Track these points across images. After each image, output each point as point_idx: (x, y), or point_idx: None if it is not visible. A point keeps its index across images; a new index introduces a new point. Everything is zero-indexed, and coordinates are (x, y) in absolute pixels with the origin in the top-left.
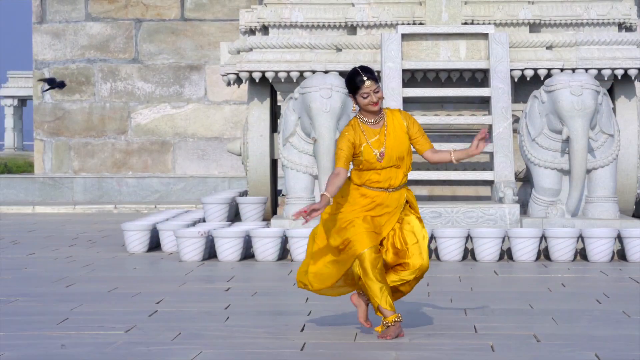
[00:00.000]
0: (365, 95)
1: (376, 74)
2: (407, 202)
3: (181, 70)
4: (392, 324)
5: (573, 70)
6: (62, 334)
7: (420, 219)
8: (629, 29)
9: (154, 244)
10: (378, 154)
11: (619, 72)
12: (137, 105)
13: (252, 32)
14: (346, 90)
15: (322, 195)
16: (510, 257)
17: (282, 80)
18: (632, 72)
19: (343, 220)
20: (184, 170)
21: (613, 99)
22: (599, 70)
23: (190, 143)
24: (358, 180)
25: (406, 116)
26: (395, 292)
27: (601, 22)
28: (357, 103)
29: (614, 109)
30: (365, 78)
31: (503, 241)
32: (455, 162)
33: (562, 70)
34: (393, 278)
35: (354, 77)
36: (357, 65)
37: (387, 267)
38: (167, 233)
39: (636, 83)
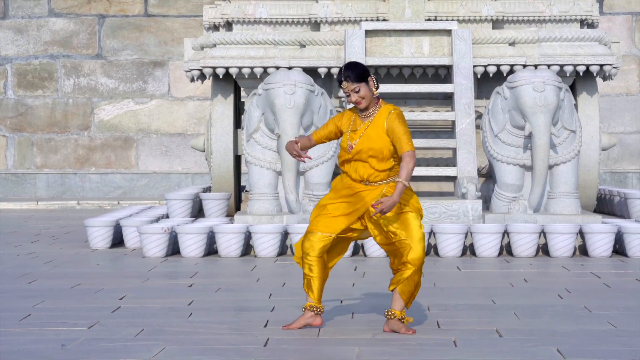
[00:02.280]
0: (346, 94)
1: (359, 70)
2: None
3: (145, 66)
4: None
5: (535, 66)
6: (24, 330)
7: (411, 213)
8: (591, 25)
9: (117, 240)
10: (349, 145)
11: (581, 69)
12: (100, 101)
13: (215, 28)
14: (310, 87)
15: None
16: (473, 253)
17: (246, 76)
18: (594, 69)
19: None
20: (147, 167)
21: (575, 95)
22: (561, 66)
23: (153, 139)
24: (342, 169)
25: (392, 118)
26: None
27: (563, 18)
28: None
29: (575, 105)
30: (342, 78)
31: (466, 237)
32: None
33: (524, 66)
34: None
35: (337, 77)
36: (322, 61)
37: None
38: (130, 229)
39: (598, 79)
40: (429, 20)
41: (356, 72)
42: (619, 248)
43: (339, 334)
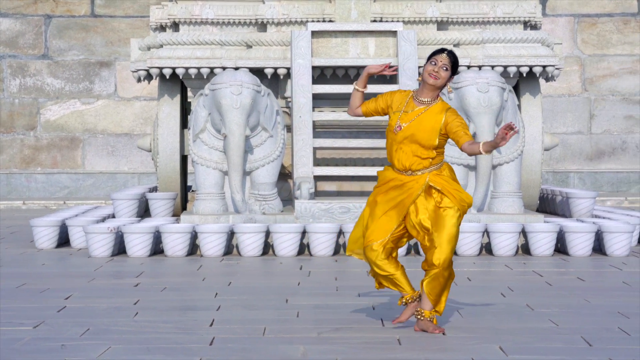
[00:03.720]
0: (433, 62)
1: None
2: (437, 189)
3: (91, 66)
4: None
5: (479, 67)
6: None
7: (449, 209)
8: (534, 27)
9: (63, 240)
10: (398, 125)
11: (524, 70)
12: (46, 102)
13: (162, 28)
14: (256, 87)
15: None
16: (417, 252)
17: (193, 76)
18: (537, 70)
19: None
20: (94, 166)
21: (518, 95)
22: (505, 67)
23: (100, 139)
24: (389, 158)
25: (449, 115)
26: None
27: (507, 20)
28: (423, 71)
29: (519, 106)
30: (445, 51)
31: None
32: (485, 153)
33: (469, 67)
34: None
35: (437, 49)
36: (269, 61)
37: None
38: (76, 229)
39: (540, 80)
40: (374, 21)
41: (456, 59)
42: (560, 247)
43: (285, 333)
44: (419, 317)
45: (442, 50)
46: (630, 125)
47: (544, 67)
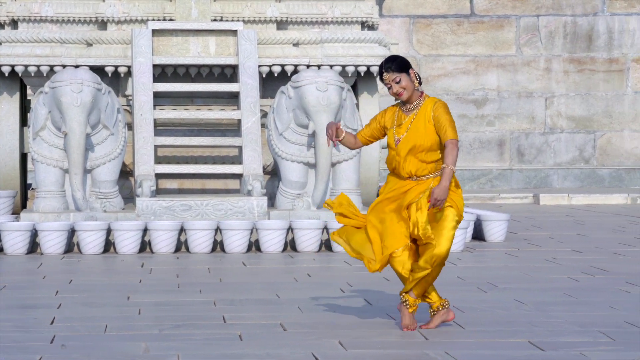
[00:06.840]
0: (388, 86)
1: (401, 62)
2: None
3: None
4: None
5: (319, 66)
6: None
7: (450, 209)
8: (371, 27)
9: None
10: (396, 139)
11: (362, 69)
12: None
13: (1, 26)
14: (97, 85)
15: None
16: (258, 249)
17: (32, 74)
18: (374, 69)
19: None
20: None
21: (356, 95)
22: (343, 67)
23: None
24: (394, 170)
25: (437, 107)
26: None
27: (345, 20)
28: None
29: (357, 105)
30: (383, 70)
31: (251, 233)
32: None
33: (308, 66)
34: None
35: (379, 69)
36: (110, 59)
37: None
38: None
39: (378, 79)
40: (215, 20)
41: (396, 62)
42: None
43: (126, 330)
44: (404, 303)
45: (380, 71)
46: (464, 124)
47: None
